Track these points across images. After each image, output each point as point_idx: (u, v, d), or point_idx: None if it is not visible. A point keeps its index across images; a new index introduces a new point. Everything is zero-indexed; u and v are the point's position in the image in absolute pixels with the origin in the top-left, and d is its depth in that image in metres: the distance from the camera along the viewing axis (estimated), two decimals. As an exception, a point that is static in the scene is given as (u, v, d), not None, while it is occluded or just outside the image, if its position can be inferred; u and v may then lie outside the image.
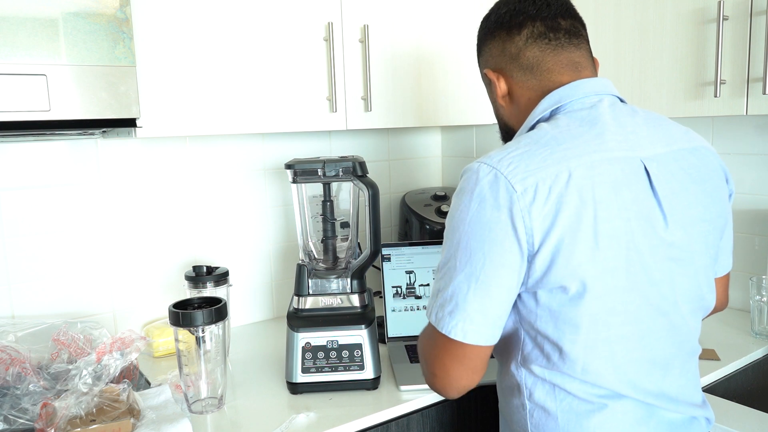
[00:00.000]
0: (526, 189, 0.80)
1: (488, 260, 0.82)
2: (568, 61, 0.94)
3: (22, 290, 1.39)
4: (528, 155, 0.83)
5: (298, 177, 1.31)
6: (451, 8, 1.59)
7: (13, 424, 1.06)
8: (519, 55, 0.95)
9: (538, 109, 0.93)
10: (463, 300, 0.83)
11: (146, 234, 1.53)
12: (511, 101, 0.99)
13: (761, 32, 1.20)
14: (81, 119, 1.06)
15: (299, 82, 1.38)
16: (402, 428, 1.20)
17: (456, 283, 0.84)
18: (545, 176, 0.81)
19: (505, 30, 0.96)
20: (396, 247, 1.55)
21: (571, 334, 0.84)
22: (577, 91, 0.92)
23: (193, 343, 1.15)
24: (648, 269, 0.85)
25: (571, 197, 0.80)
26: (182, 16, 1.22)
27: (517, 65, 0.96)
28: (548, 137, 0.86)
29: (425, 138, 2.02)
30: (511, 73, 0.97)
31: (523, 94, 0.97)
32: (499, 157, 0.85)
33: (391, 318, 1.49)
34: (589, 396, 0.86)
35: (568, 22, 0.95)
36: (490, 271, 0.82)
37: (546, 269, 0.81)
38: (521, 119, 0.98)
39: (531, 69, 0.95)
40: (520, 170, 0.82)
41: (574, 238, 0.80)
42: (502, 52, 0.97)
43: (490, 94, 1.05)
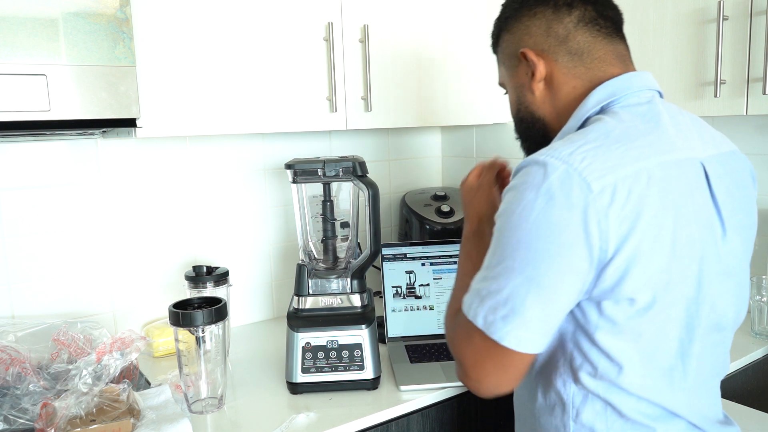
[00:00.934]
0: (603, 188, 0.72)
1: (554, 265, 0.74)
2: (617, 52, 0.88)
3: (22, 290, 1.39)
4: (603, 150, 0.75)
5: (298, 177, 1.31)
6: (451, 8, 1.59)
7: (13, 424, 1.06)
8: (568, 37, 0.86)
9: (592, 100, 0.84)
10: (521, 305, 0.75)
11: (146, 234, 1.53)
12: (548, 87, 0.89)
13: (761, 32, 1.20)
14: (81, 119, 1.06)
15: (299, 82, 1.38)
16: (402, 428, 1.19)
17: (513, 286, 0.75)
18: (624, 175, 0.73)
19: (551, 8, 0.87)
20: (396, 247, 1.55)
21: (632, 345, 0.78)
22: (631, 84, 0.85)
23: (193, 343, 1.15)
24: (711, 280, 0.80)
25: (652, 200, 0.74)
26: (182, 16, 1.22)
27: (564, 49, 0.87)
28: (618, 132, 0.78)
29: (425, 138, 2.02)
30: (555, 56, 0.87)
31: (567, 81, 0.87)
32: (568, 150, 0.75)
33: (391, 318, 1.49)
34: (640, 417, 0.81)
35: (613, 12, 0.89)
36: (554, 277, 0.74)
37: (618, 279, 0.74)
38: (557, 108, 0.89)
39: (580, 55, 0.86)
40: (596, 167, 0.73)
41: (653, 245, 0.74)
42: (546, 31, 0.87)
43: (515, 78, 0.94)
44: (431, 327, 1.49)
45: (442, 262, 1.54)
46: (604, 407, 0.81)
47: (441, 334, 1.48)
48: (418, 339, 1.47)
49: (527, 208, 0.75)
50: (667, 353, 0.80)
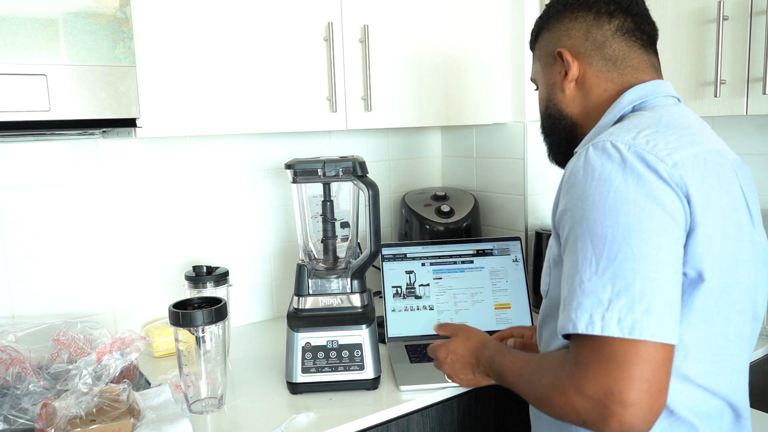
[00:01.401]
0: (676, 163, 0.75)
1: (669, 237, 0.72)
2: (650, 62, 0.93)
3: (22, 290, 1.39)
4: (660, 135, 0.78)
5: (298, 177, 1.31)
6: (452, 8, 1.59)
7: (13, 424, 1.06)
8: (605, 44, 0.91)
9: (627, 98, 0.89)
10: (659, 291, 0.70)
11: (146, 234, 1.53)
12: (579, 88, 0.94)
13: (761, 32, 1.20)
14: (81, 119, 1.06)
15: (299, 82, 1.38)
16: (402, 428, 1.19)
17: (643, 273, 0.70)
18: (686, 156, 0.76)
19: (593, 14, 0.92)
20: (396, 247, 1.55)
21: (703, 330, 0.77)
22: (660, 89, 0.91)
23: (193, 343, 1.15)
24: (755, 266, 0.83)
25: (710, 180, 0.77)
26: (182, 16, 1.22)
27: (600, 54, 0.92)
28: (665, 122, 0.82)
29: (425, 138, 2.02)
30: (590, 60, 0.93)
31: (599, 84, 0.93)
32: (630, 136, 0.78)
33: (391, 318, 1.49)
34: (689, 414, 0.79)
35: (650, 26, 0.94)
36: (675, 249, 0.72)
37: (694, 252, 0.75)
38: (586, 108, 0.94)
39: (615, 61, 0.92)
40: (661, 147, 0.76)
41: (713, 222, 0.76)
42: (585, 35, 0.93)
43: (548, 75, 0.99)
44: (431, 327, 1.49)
45: (442, 262, 1.54)
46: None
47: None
48: (418, 339, 1.47)
49: (620, 191, 0.73)
50: (727, 337, 0.80)
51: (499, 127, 1.79)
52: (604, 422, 0.70)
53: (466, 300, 1.51)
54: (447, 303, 1.51)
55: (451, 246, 1.56)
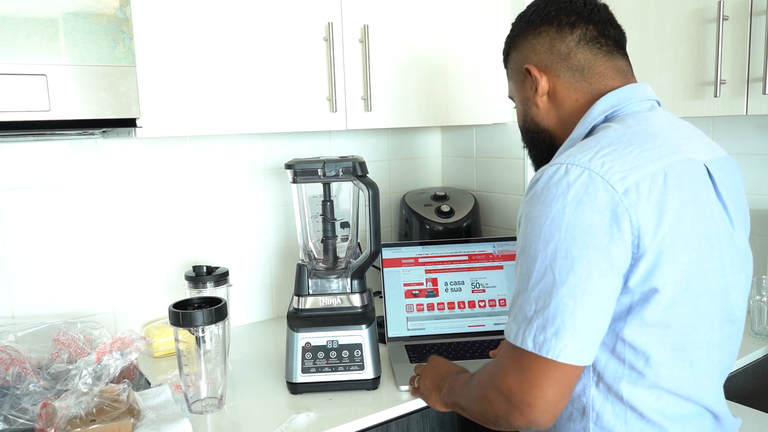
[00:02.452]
0: (627, 189, 0.76)
1: (594, 268, 0.75)
2: (617, 68, 0.93)
3: (22, 290, 1.39)
4: (618, 154, 0.79)
5: (298, 177, 1.31)
6: (452, 8, 1.59)
7: (13, 424, 1.06)
8: (569, 55, 0.92)
9: (597, 110, 0.90)
10: (570, 317, 0.75)
11: (146, 234, 1.53)
12: (551, 101, 0.95)
13: (761, 32, 1.20)
14: (81, 119, 1.06)
15: (299, 82, 1.38)
16: (402, 428, 1.19)
17: (559, 299, 0.76)
18: (644, 176, 0.77)
19: (555, 27, 0.93)
20: (396, 247, 1.55)
21: (660, 338, 0.80)
22: (633, 94, 0.90)
23: (193, 343, 1.15)
24: (726, 273, 0.84)
25: (671, 197, 0.78)
26: (182, 16, 1.22)
27: (566, 65, 0.93)
28: (628, 137, 0.82)
29: (425, 138, 2.02)
30: (557, 72, 0.93)
31: (569, 95, 0.93)
32: (587, 157, 0.79)
33: (391, 318, 1.49)
34: (660, 418, 0.82)
35: (615, 31, 0.94)
36: (597, 281, 0.75)
37: (648, 272, 0.77)
38: (562, 119, 0.95)
39: (581, 71, 0.92)
40: (616, 169, 0.77)
41: (677, 239, 0.77)
42: (549, 49, 0.94)
43: (521, 92, 1.00)
44: (431, 327, 1.49)
45: (442, 262, 1.54)
46: (624, 410, 0.83)
47: (441, 334, 1.48)
48: (418, 339, 1.47)
49: (557, 217, 0.77)
50: (694, 344, 0.82)
51: (499, 127, 1.79)
52: (512, 415, 0.81)
53: (465, 300, 1.51)
54: (448, 302, 1.51)
55: (451, 246, 1.56)
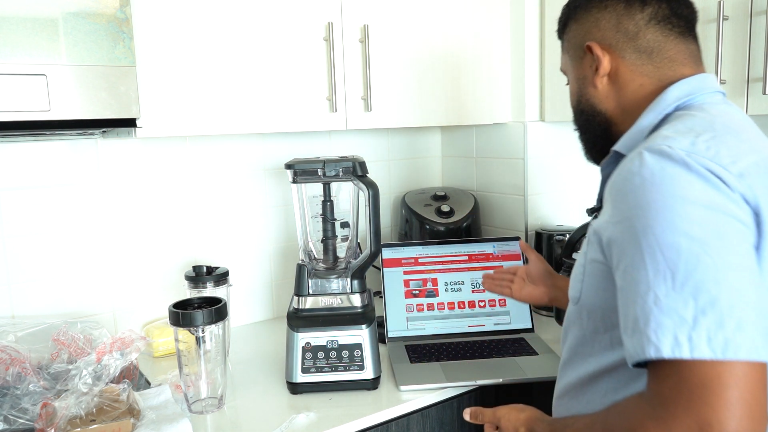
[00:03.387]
0: (741, 173, 0.68)
1: (747, 246, 0.66)
2: (689, 52, 0.86)
3: (22, 290, 1.39)
4: (719, 141, 0.71)
5: (298, 177, 1.31)
6: (452, 8, 1.59)
7: (13, 424, 1.06)
8: (638, 35, 0.84)
9: (670, 96, 0.82)
10: (747, 304, 0.63)
11: (146, 234, 1.53)
12: (612, 83, 0.87)
13: (761, 32, 1.20)
14: (81, 119, 1.06)
15: (299, 82, 1.38)
16: (402, 428, 1.19)
17: (729, 285, 0.63)
18: (749, 163, 0.70)
19: (624, 2, 0.85)
20: (396, 247, 1.55)
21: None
22: (705, 84, 0.83)
23: (193, 343, 1.15)
24: None
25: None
26: (182, 16, 1.22)
27: (633, 46, 0.85)
28: (719, 125, 0.75)
29: (425, 138, 2.02)
30: (623, 52, 0.86)
31: (633, 78, 0.86)
32: (687, 141, 0.71)
33: (391, 318, 1.48)
34: None
35: (688, 10, 0.87)
36: (753, 259, 0.66)
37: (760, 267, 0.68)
38: (621, 104, 0.87)
39: (650, 53, 0.84)
40: (723, 155, 0.69)
41: None
42: (615, 26, 0.86)
43: (578, 69, 0.92)
44: (431, 327, 1.49)
45: (442, 262, 1.54)
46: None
47: (441, 334, 1.48)
48: (418, 339, 1.47)
49: (689, 196, 0.66)
50: None
51: (499, 127, 1.79)
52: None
53: (465, 300, 1.51)
54: (448, 301, 1.51)
55: (451, 246, 1.56)
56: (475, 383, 1.25)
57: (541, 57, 1.70)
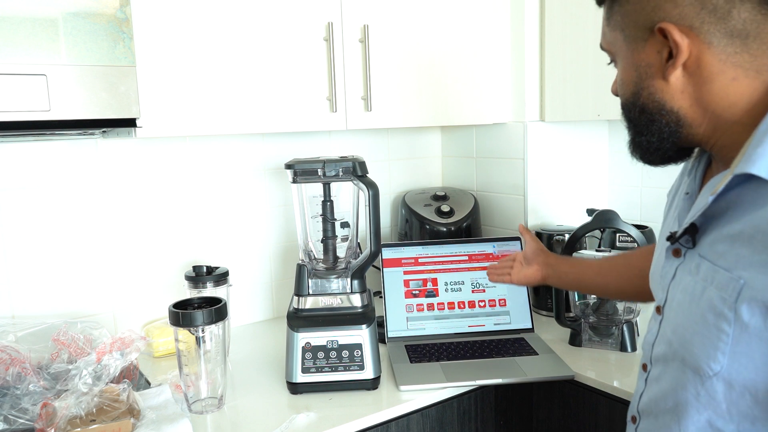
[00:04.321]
0: None
1: None
2: None
3: (22, 290, 1.39)
4: None
5: (298, 177, 1.31)
6: (452, 7, 1.59)
7: (13, 424, 1.06)
8: (730, 13, 0.65)
9: None
10: None
11: (146, 234, 1.53)
12: (691, 75, 0.68)
13: None
14: (81, 119, 1.06)
15: (299, 82, 1.38)
16: (402, 428, 1.19)
17: None
18: None
19: None
20: (396, 247, 1.55)
21: None
22: None
23: (193, 343, 1.15)
24: None
25: None
26: (182, 16, 1.22)
27: (723, 27, 0.65)
28: None
29: (425, 138, 2.02)
30: (709, 36, 0.66)
31: (723, 70, 0.67)
32: None
33: (391, 318, 1.48)
34: None
35: None
36: None
37: None
38: (703, 103, 0.69)
39: (745, 38, 0.65)
40: None
41: None
42: (701, 2, 0.65)
43: (636, 54, 0.72)
44: (431, 327, 1.49)
45: (442, 262, 1.54)
46: None
47: (441, 334, 1.48)
48: (418, 339, 1.47)
49: None
50: None
51: (499, 127, 1.79)
52: None
53: (465, 300, 1.51)
54: (449, 301, 1.51)
55: (451, 246, 1.56)
56: (475, 383, 1.25)
57: (541, 57, 1.70)
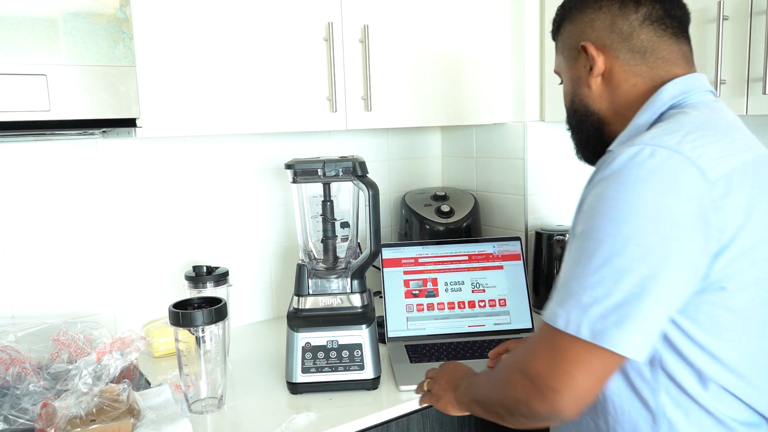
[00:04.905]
0: (719, 178, 0.70)
1: (670, 260, 0.69)
2: (681, 52, 0.87)
3: (22, 290, 1.39)
4: (709, 140, 0.73)
5: (298, 177, 1.31)
6: (452, 8, 1.59)
7: (13, 424, 1.06)
8: (632, 35, 0.85)
9: (665, 95, 0.83)
10: (636, 308, 0.69)
11: (146, 234, 1.53)
12: (606, 83, 0.89)
13: (761, 32, 1.20)
14: (81, 119, 1.06)
15: (299, 82, 1.38)
16: (402, 428, 1.19)
17: (627, 288, 0.70)
18: (736, 165, 0.72)
19: (618, 3, 0.86)
20: (396, 247, 1.55)
21: (733, 345, 0.75)
22: (697, 84, 0.85)
23: (193, 343, 1.15)
24: None
25: (759, 190, 0.73)
26: (182, 16, 1.22)
27: (627, 46, 0.86)
28: (711, 124, 0.77)
29: (425, 138, 2.02)
30: (617, 53, 0.86)
31: (626, 79, 0.87)
32: (674, 140, 0.73)
33: (391, 318, 1.48)
34: (736, 425, 0.77)
35: (681, 11, 0.88)
36: (671, 272, 0.70)
37: (726, 272, 0.72)
38: (614, 104, 0.88)
39: (643, 53, 0.85)
40: (709, 156, 0.71)
41: (762, 238, 0.73)
42: (610, 27, 0.87)
43: (572, 69, 0.93)
44: (431, 327, 1.49)
45: (442, 262, 1.54)
46: (699, 415, 0.77)
47: (441, 334, 1.48)
48: (418, 339, 1.47)
49: (637, 202, 0.70)
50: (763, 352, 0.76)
51: (499, 127, 1.79)
52: (534, 400, 0.75)
53: (465, 300, 1.51)
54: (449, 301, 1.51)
55: (451, 246, 1.56)
56: (475, 383, 1.25)
57: (541, 57, 1.70)
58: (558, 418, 0.75)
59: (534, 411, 0.77)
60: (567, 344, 0.73)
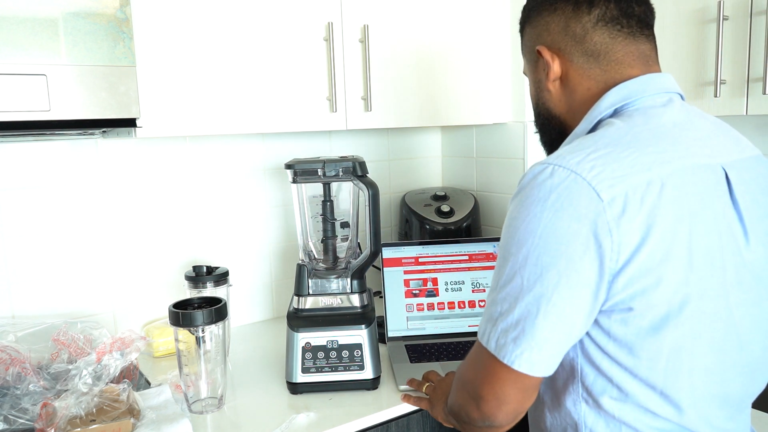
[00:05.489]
0: (614, 198, 0.69)
1: (563, 279, 0.70)
2: (639, 52, 0.84)
3: (22, 290, 1.39)
4: (613, 158, 0.72)
5: (298, 177, 1.31)
6: (452, 8, 1.59)
7: (13, 424, 1.06)
8: (585, 37, 0.83)
9: (605, 102, 0.82)
10: (531, 326, 0.72)
11: (146, 234, 1.53)
12: (563, 87, 0.87)
13: (761, 32, 1.20)
14: (81, 119, 1.06)
15: (299, 82, 1.38)
16: (402, 428, 1.19)
17: (523, 306, 0.72)
18: (636, 184, 0.70)
19: (572, 5, 0.84)
20: (396, 247, 1.55)
21: (650, 363, 0.74)
22: (648, 86, 0.82)
23: (193, 343, 1.15)
24: (730, 292, 0.75)
25: (665, 210, 0.70)
26: (182, 16, 1.22)
27: (580, 49, 0.84)
28: (629, 137, 0.75)
29: (425, 138, 2.02)
30: (571, 56, 0.85)
31: (581, 82, 0.85)
32: (576, 159, 0.72)
33: (391, 318, 1.48)
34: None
35: (641, 8, 0.85)
36: (565, 292, 0.71)
37: (630, 291, 0.71)
38: (573, 108, 0.87)
39: (596, 56, 0.83)
40: (605, 175, 0.70)
41: (667, 256, 0.70)
42: (564, 29, 0.85)
43: (534, 73, 0.92)
44: (431, 327, 1.49)
45: (442, 262, 1.54)
46: (618, 426, 0.78)
47: (441, 334, 1.48)
48: (418, 339, 1.47)
49: (533, 221, 0.72)
50: (689, 371, 0.75)
51: (499, 127, 1.79)
52: (469, 407, 0.81)
53: (465, 300, 1.51)
54: (448, 301, 1.51)
55: (451, 246, 1.56)
56: (475, 383, 1.25)
57: (541, 57, 1.70)
58: (492, 425, 0.79)
59: (471, 417, 0.81)
60: (484, 355, 0.77)
